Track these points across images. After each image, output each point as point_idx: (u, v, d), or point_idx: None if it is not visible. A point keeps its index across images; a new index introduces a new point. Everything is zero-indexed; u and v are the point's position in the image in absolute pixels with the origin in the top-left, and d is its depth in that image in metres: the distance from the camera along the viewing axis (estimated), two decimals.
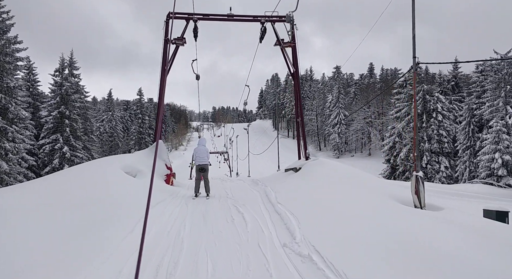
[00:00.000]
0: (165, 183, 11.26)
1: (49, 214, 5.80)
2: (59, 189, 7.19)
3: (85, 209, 6.29)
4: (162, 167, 11.70)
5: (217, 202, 8.66)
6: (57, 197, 6.69)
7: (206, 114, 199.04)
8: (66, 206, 6.27)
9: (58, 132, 43.59)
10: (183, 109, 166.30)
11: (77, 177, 8.03)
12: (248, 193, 9.67)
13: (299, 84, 12.91)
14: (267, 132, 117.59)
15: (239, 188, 11.50)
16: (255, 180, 13.24)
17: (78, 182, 7.66)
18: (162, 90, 12.01)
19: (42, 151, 42.50)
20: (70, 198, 6.66)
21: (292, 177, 10.42)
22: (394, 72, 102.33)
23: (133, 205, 7.17)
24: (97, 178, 7.86)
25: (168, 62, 12.56)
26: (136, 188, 8.14)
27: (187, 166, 50.67)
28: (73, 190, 7.15)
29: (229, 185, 12.93)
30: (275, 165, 73.04)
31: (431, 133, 48.43)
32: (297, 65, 13.04)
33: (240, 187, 11.83)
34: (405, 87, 54.84)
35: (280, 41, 13.12)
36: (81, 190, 7.15)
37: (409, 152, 50.00)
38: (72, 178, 8.07)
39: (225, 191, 10.75)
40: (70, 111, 44.45)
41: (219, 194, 10.25)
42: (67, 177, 8.23)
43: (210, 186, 10.83)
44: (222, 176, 50.32)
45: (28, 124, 41.49)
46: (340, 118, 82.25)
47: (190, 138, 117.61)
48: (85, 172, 8.41)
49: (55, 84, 44.59)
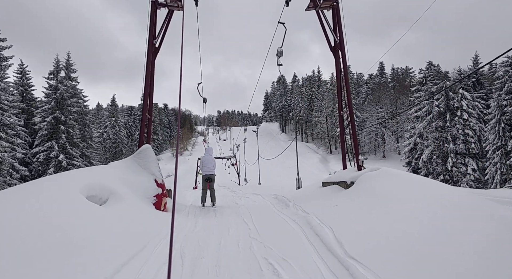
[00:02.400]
0: (155, 208, 7.85)
1: None
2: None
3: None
4: (150, 184, 7.85)
5: (236, 248, 5.02)
6: None
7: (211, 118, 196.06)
8: None
9: (53, 139, 40.46)
10: (188, 114, 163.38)
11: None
12: (281, 227, 5.89)
13: (345, 61, 9.38)
14: (274, 135, 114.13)
15: (261, 212, 7.89)
16: (280, 198, 9.75)
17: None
18: (149, 76, 8.65)
19: (36, 160, 39.39)
20: None
21: (345, 198, 6.85)
22: (405, 71, 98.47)
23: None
24: (19, 218, 4.24)
25: (157, 36, 9.23)
26: (104, 228, 4.78)
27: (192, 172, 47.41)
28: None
29: (244, 205, 9.52)
30: (286, 171, 69.42)
31: (456, 133, 44.65)
32: (341, 32, 9.55)
33: (262, 210, 8.26)
34: (424, 84, 51.17)
35: (316, 1, 9.59)
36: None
37: (432, 153, 46.24)
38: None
39: (243, 219, 7.11)
40: (66, 117, 41.34)
41: (235, 223, 6.69)
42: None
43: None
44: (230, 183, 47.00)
45: (20, 131, 38.43)
46: None
47: (195, 142, 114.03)
48: None
49: (49, 88, 41.51)
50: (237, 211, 8.36)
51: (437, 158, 46.42)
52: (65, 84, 41.52)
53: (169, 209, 8.16)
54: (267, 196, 11.22)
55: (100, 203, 6.39)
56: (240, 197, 12.28)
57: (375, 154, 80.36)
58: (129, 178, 7.28)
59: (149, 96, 8.99)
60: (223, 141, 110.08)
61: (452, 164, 44.43)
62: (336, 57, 9.87)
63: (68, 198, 5.31)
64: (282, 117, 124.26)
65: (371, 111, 76.24)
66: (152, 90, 9.18)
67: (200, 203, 10.65)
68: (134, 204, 6.73)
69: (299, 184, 21.68)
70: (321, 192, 8.82)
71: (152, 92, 9.18)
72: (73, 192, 5.59)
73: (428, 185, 6.55)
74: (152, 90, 9.16)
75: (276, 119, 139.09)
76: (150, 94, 9.11)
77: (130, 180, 7.28)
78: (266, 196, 11.33)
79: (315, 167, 76.49)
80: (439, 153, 46.37)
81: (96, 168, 7.92)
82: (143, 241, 5.04)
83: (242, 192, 16.28)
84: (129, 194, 6.81)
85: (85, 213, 5.16)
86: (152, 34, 9.05)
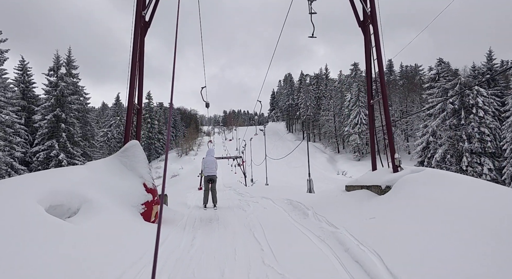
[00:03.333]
0: (143, 220, 6.04)
1: None
2: None
3: None
4: (137, 190, 6.23)
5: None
6: None
7: (217, 118, 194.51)
8: None
9: (54, 138, 39.25)
10: (194, 113, 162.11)
11: None
12: (304, 248, 4.49)
13: (378, 38, 7.69)
14: (281, 135, 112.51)
15: (275, 224, 6.25)
16: (295, 204, 8.18)
17: None
18: (138, 56, 7.07)
19: (36, 159, 38.19)
20: None
21: (382, 207, 5.26)
22: (414, 68, 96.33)
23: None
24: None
25: (147, 5, 7.69)
26: (57, 256, 3.34)
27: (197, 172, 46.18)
28: None
29: (253, 212, 7.95)
30: (293, 171, 67.77)
31: (471, 131, 42.78)
32: (373, 1, 7.92)
33: (275, 220, 6.66)
34: (437, 81, 49.28)
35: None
36: None
37: (445, 152, 44.42)
38: None
39: (253, 234, 5.40)
40: (66, 114, 40.10)
41: (244, 240, 5.17)
42: None
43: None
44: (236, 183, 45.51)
45: (20, 129, 37.25)
46: (361, 118, 76.67)
47: (201, 142, 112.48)
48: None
49: (49, 85, 40.28)
50: (245, 221, 6.81)
51: (451, 157, 44.60)
52: (66, 81, 40.27)
53: (164, 218, 6.67)
54: (279, 201, 9.66)
55: (69, 214, 4.91)
56: (247, 202, 10.75)
57: (384, 154, 78.34)
58: (110, 182, 5.77)
59: (137, 81, 7.46)
60: (229, 141, 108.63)
61: (467, 164, 42.60)
62: (366, 34, 8.28)
63: (14, 211, 3.83)
64: (289, 116, 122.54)
65: (380, 109, 74.32)
66: (142, 74, 7.64)
67: (202, 204, 10.75)
68: (115, 215, 5.24)
69: (310, 185, 20.16)
70: (347, 198, 7.20)
71: (141, 77, 7.65)
72: (27, 202, 4.11)
73: (490, 188, 4.99)
74: (141, 75, 7.62)
75: (282, 119, 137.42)
76: (139, 79, 7.59)
77: (112, 184, 5.78)
78: (277, 201, 9.76)
79: (323, 167, 74.77)
80: (453, 152, 44.55)
81: (67, 169, 6.35)
82: (115, 274, 3.54)
83: (250, 195, 14.77)
84: (108, 202, 5.32)
85: (34, 233, 3.66)
86: (141, 2, 7.49)
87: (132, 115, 7.32)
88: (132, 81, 7.05)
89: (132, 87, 7.08)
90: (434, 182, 5.37)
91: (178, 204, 12.17)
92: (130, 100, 7.35)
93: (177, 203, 12.07)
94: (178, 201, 13.62)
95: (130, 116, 7.24)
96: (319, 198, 8.17)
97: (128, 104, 7.47)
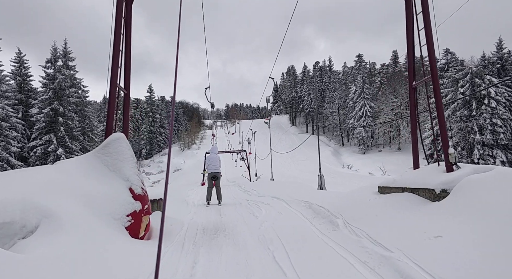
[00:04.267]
0: (130, 236, 4.59)
1: None
2: None
3: None
4: (121, 197, 4.76)
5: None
6: None
7: (219, 112, 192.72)
8: None
9: (52, 132, 38.00)
10: (196, 107, 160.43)
11: None
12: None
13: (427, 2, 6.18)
14: (284, 128, 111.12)
15: (297, 238, 4.67)
16: (316, 208, 6.73)
17: None
18: (121, 27, 5.53)
19: (33, 154, 36.98)
20: None
21: (444, 218, 3.72)
22: (419, 60, 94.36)
23: None
24: None
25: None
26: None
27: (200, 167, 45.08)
28: None
29: (267, 220, 6.46)
30: (297, 165, 66.36)
31: (483, 122, 41.25)
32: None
33: (296, 231, 5.08)
34: (447, 71, 47.64)
35: None
36: None
37: (456, 145, 42.93)
38: None
39: (272, 255, 4.15)
40: (64, 108, 38.79)
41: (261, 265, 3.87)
42: None
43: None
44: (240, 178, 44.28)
45: (16, 123, 36.02)
46: (366, 110, 75.10)
47: (203, 136, 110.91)
48: None
49: (46, 77, 38.92)
50: (258, 233, 5.42)
51: (462, 149, 43.16)
52: (63, 73, 38.89)
53: (154, 230, 5.25)
54: (294, 203, 8.28)
55: (23, 234, 3.59)
56: (257, 204, 9.37)
57: (390, 146, 76.99)
58: (85, 187, 4.40)
59: (122, 59, 5.96)
60: (231, 134, 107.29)
61: (478, 156, 41.17)
62: (407, 4, 6.88)
63: None
64: (292, 109, 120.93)
65: (385, 101, 72.65)
66: (129, 52, 6.17)
67: (206, 201, 10.78)
68: (89, 233, 3.90)
69: (321, 181, 18.84)
70: (384, 203, 5.76)
71: (128, 55, 6.18)
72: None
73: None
74: (128, 52, 6.15)
75: (285, 112, 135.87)
76: (126, 58, 6.08)
77: (87, 190, 4.40)
78: (292, 202, 8.39)
79: (327, 160, 73.38)
80: (464, 144, 43.10)
81: (27, 171, 4.89)
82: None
83: (257, 193, 13.45)
84: (81, 215, 3.99)
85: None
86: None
87: (115, 101, 5.85)
88: (115, 56, 5.53)
89: (116, 65, 5.56)
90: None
91: (179, 202, 10.86)
92: (114, 81, 5.67)
93: (177, 201, 10.76)
94: (179, 198, 12.34)
95: (113, 102, 5.68)
96: (346, 202, 6.72)
97: (111, 86, 5.70)
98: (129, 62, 6.12)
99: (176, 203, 9.36)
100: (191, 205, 10.15)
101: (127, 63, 6.10)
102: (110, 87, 5.48)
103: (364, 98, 75.53)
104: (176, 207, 8.63)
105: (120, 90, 6.07)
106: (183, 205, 9.88)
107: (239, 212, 7.87)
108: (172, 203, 8.68)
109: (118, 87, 5.86)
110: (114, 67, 5.51)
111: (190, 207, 9.61)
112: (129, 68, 6.14)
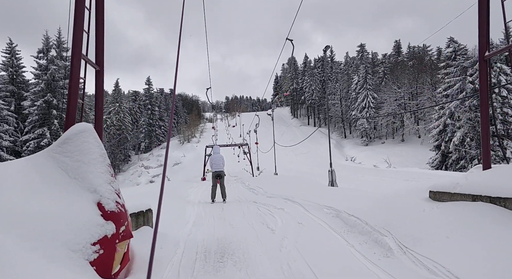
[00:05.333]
0: (97, 275, 2.81)
1: None
2: None
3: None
4: (84, 216, 2.94)
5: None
6: None
7: (219, 104, 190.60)
8: None
9: (45, 125, 36.54)
10: (195, 100, 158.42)
11: None
12: None
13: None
14: (286, 120, 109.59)
15: (334, 265, 3.43)
16: (346, 218, 5.15)
17: None
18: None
19: (26, 149, 35.56)
20: None
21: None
22: (423, 49, 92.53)
23: None
24: None
25: None
26: None
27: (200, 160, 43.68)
28: None
29: (286, 236, 4.87)
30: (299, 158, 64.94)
31: (493, 112, 39.72)
32: None
33: (330, 253, 3.67)
34: (455, 60, 45.97)
35: None
36: None
37: (465, 135, 41.47)
38: None
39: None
40: (58, 100, 37.24)
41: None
42: None
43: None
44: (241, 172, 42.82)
45: (8, 116, 34.52)
46: (369, 101, 73.50)
47: (203, 129, 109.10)
48: None
49: (39, 68, 37.33)
50: (281, 260, 3.92)
51: (471, 140, 41.69)
52: (57, 64, 37.27)
53: (137, 260, 3.79)
54: (315, 208, 6.78)
55: None
56: (268, 208, 7.86)
57: (393, 138, 75.54)
58: (26, 206, 2.96)
59: (90, 23, 4.31)
60: (232, 127, 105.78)
61: None
62: None
63: None
64: (293, 101, 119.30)
65: (388, 92, 71.03)
66: (102, 14, 4.42)
67: (210, 199, 11.16)
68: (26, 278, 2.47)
69: (332, 177, 17.42)
70: (449, 217, 4.12)
71: (101, 19, 4.47)
72: None
73: None
74: (101, 15, 4.44)
75: (286, 104, 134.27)
76: (98, 23, 4.36)
77: (30, 209, 2.96)
78: (311, 208, 6.90)
79: None
80: (474, 135, 41.60)
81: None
82: None
83: (265, 193, 12.03)
84: (10, 254, 2.58)
85: None
86: None
87: (79, 78, 4.21)
88: (79, 13, 3.80)
89: (80, 27, 3.88)
90: None
91: (175, 205, 9.38)
92: (77, 51, 3.94)
93: (174, 204, 9.29)
94: (177, 199, 10.91)
95: (76, 77, 4.10)
96: (387, 211, 5.15)
97: (72, 56, 3.98)
98: (103, 29, 4.53)
99: (171, 208, 7.89)
100: (190, 210, 8.69)
101: (100, 29, 4.51)
102: (72, 58, 3.91)
103: (367, 89, 73.92)
104: (171, 213, 7.15)
105: (88, 65, 4.46)
106: (180, 210, 8.40)
107: (248, 222, 6.36)
108: (167, 208, 7.19)
109: (85, 60, 4.28)
110: (77, 30, 3.90)
111: (189, 213, 8.13)
112: (102, 36, 4.55)
